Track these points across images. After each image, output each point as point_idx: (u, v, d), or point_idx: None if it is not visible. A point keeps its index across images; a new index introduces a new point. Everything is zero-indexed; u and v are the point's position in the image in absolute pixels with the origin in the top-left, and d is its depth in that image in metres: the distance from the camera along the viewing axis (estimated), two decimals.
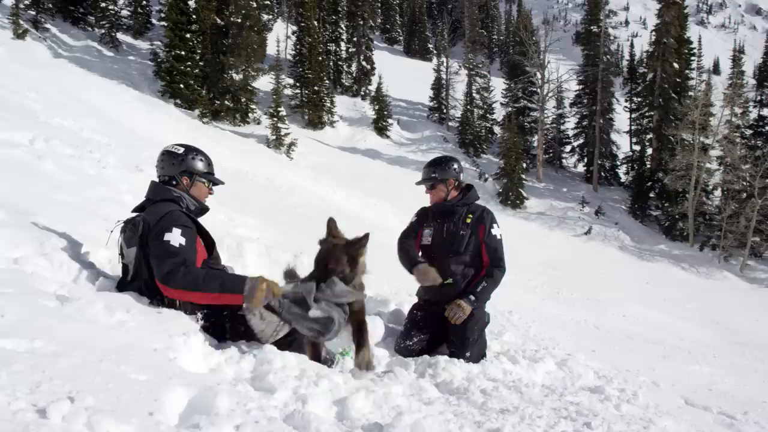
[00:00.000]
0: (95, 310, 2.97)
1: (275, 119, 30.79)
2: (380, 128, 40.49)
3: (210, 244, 3.87)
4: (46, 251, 3.68)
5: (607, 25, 43.58)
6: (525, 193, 36.25)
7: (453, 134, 44.90)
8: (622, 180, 42.66)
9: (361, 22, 46.78)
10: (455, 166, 5.14)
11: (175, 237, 3.48)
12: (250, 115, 32.73)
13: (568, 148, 45.20)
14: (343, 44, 46.88)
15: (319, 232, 3.82)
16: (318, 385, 2.94)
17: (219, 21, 31.05)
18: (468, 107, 45.50)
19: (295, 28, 41.54)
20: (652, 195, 38.28)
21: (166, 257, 3.41)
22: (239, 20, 31.55)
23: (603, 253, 30.35)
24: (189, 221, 3.69)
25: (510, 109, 45.10)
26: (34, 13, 29.63)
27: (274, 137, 30.65)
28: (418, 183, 5.23)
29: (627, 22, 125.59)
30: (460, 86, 48.43)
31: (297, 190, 20.11)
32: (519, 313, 9.17)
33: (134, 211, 3.85)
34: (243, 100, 32.31)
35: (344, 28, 47.07)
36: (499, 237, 5.05)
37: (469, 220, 5.03)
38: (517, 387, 3.99)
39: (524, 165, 38.89)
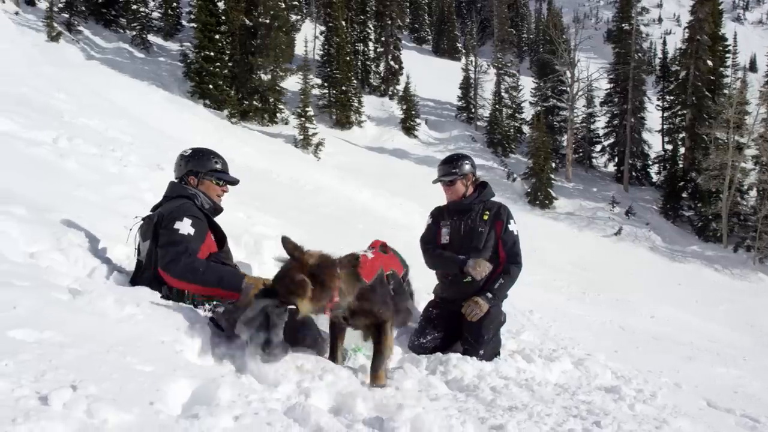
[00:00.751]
0: (106, 304, 3.02)
1: (303, 119, 31.02)
2: (408, 128, 40.46)
3: (220, 239, 3.93)
4: (63, 246, 3.77)
5: (638, 22, 42.86)
6: (554, 193, 35.88)
7: (481, 134, 44.67)
8: (654, 180, 41.91)
9: (389, 22, 46.82)
10: (471, 162, 5.16)
11: (185, 226, 3.61)
12: (278, 115, 33.01)
13: (598, 147, 44.56)
14: (371, 44, 46.99)
15: (343, 231, 3.83)
16: (322, 379, 2.97)
17: (248, 22, 31.37)
18: (496, 106, 45.21)
19: (323, 28, 41.77)
20: (684, 195, 37.56)
21: (170, 245, 3.53)
22: (268, 21, 31.84)
23: (633, 254, 29.88)
24: (201, 213, 3.82)
25: (539, 108, 44.66)
26: (67, 15, 30.33)
27: (301, 137, 30.86)
28: (436, 180, 5.19)
29: (660, 20, 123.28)
30: (488, 85, 48.17)
31: (322, 189, 20.20)
32: (540, 312, 9.09)
33: (153, 209, 3.95)
34: (271, 100, 32.60)
35: (372, 28, 47.14)
36: (516, 233, 5.03)
37: (486, 217, 5.01)
38: (528, 385, 3.94)
39: (553, 165, 38.52)
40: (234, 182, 4.18)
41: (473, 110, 47.90)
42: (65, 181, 5.60)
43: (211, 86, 29.21)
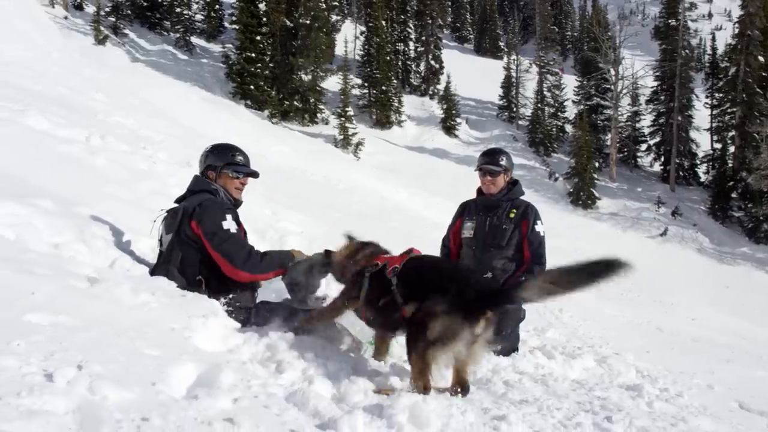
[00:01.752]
0: (121, 291, 3.13)
1: (343, 119, 31.18)
2: (448, 127, 40.30)
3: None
4: (86, 238, 3.91)
5: (686, 18, 41.73)
6: (597, 193, 35.20)
7: (523, 133, 44.15)
8: (702, 179, 40.73)
9: (430, 21, 46.72)
10: (511, 159, 5.20)
11: (231, 224, 3.75)
12: (318, 115, 33.25)
13: (643, 146, 43.53)
14: (411, 44, 46.95)
15: (374, 229, 3.89)
16: (327, 367, 3.00)
17: (288, 23, 31.68)
18: (539, 105, 44.64)
19: (363, 28, 41.92)
20: (734, 195, 36.34)
21: (237, 247, 3.71)
22: (308, 21, 32.10)
23: (679, 256, 29.12)
24: (231, 205, 3.96)
25: (582, 106, 43.87)
26: (114, 19, 31.25)
27: (341, 137, 31.02)
28: (479, 168, 5.11)
29: (710, 15, 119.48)
30: (530, 84, 47.58)
31: (356, 188, 20.26)
32: (571, 311, 8.95)
33: (176, 201, 4.04)
34: (311, 100, 32.86)
35: (413, 28, 47.11)
36: (542, 234, 5.01)
37: (512, 215, 5.02)
38: (544, 381, 3.92)
39: (596, 164, 37.75)
40: (252, 174, 4.20)
41: (515, 109, 47.38)
42: (94, 177, 5.77)
43: (252, 87, 29.63)
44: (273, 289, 4.54)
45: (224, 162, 4.07)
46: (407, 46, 46.67)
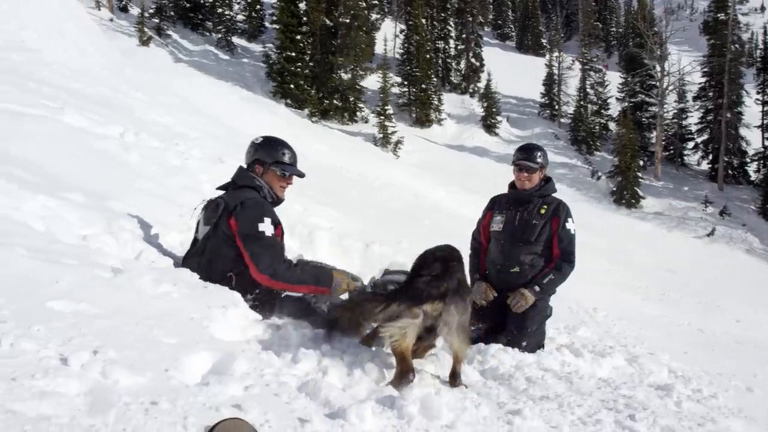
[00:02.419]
0: (143, 281, 3.20)
1: (382, 117, 31.19)
2: (489, 126, 39.95)
3: None
4: (114, 230, 3.99)
5: (737, 11, 40.39)
6: (641, 192, 34.41)
7: (565, 131, 43.43)
8: (752, 178, 39.43)
9: (470, 19, 46.41)
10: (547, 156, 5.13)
11: (268, 227, 3.73)
12: (358, 113, 33.35)
13: (690, 144, 42.35)
14: (452, 41, 46.69)
15: (407, 226, 3.89)
16: (343, 359, 3.01)
17: (328, 22, 31.88)
18: (581, 103, 43.86)
19: (403, 26, 41.88)
20: None
21: (266, 249, 3.68)
22: (348, 20, 32.23)
23: (727, 257, 28.25)
24: (270, 207, 3.94)
25: (626, 104, 42.93)
26: (157, 20, 32.00)
27: (381, 135, 31.04)
28: (520, 163, 4.99)
29: (762, 8, 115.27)
30: (573, 81, 46.76)
31: (391, 185, 20.24)
32: (606, 310, 8.76)
33: (219, 188, 4.11)
34: (351, 99, 32.97)
35: (453, 25, 46.85)
36: (573, 232, 4.95)
37: (543, 211, 4.97)
38: (569, 378, 3.84)
39: (641, 162, 36.92)
40: (300, 175, 4.16)
41: (557, 107, 46.66)
42: (126, 172, 5.88)
43: (292, 86, 29.90)
44: None
45: (273, 159, 4.02)
46: (447, 44, 46.41)
